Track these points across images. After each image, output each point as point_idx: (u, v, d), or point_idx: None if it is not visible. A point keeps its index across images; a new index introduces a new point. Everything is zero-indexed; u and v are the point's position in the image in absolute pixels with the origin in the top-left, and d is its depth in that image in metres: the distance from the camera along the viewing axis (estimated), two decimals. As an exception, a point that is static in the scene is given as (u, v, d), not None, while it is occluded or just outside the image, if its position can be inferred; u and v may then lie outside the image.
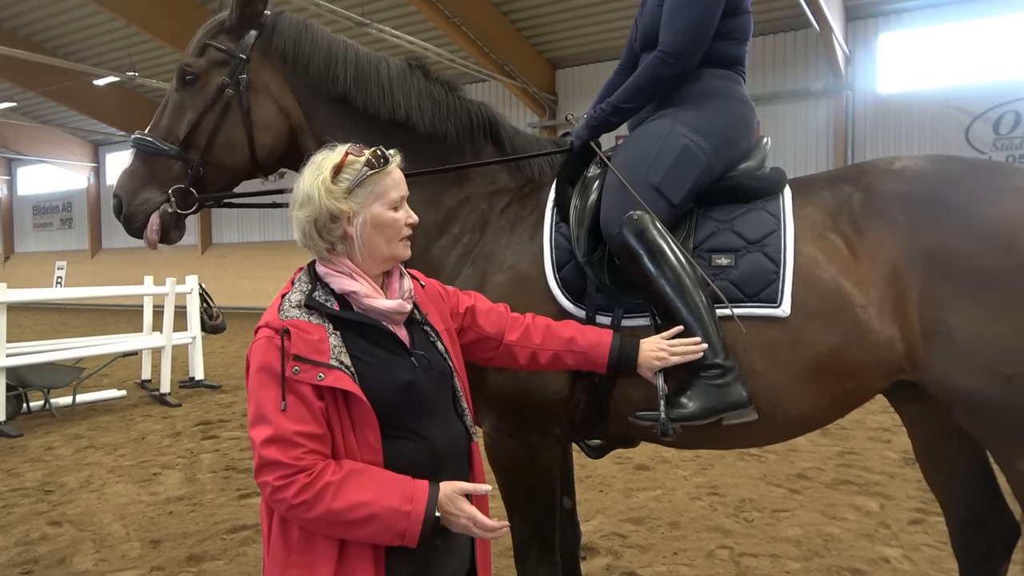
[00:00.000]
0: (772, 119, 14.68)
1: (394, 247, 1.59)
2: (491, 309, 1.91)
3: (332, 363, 1.44)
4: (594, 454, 2.36)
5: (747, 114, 2.24)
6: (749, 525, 4.07)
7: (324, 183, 1.52)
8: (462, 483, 1.53)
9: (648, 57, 2.18)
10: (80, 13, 16.30)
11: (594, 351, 1.89)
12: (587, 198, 2.14)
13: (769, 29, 14.47)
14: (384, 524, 1.40)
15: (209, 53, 2.16)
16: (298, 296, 1.53)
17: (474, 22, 14.46)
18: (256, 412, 1.42)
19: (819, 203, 2.12)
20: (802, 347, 1.99)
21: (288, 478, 1.38)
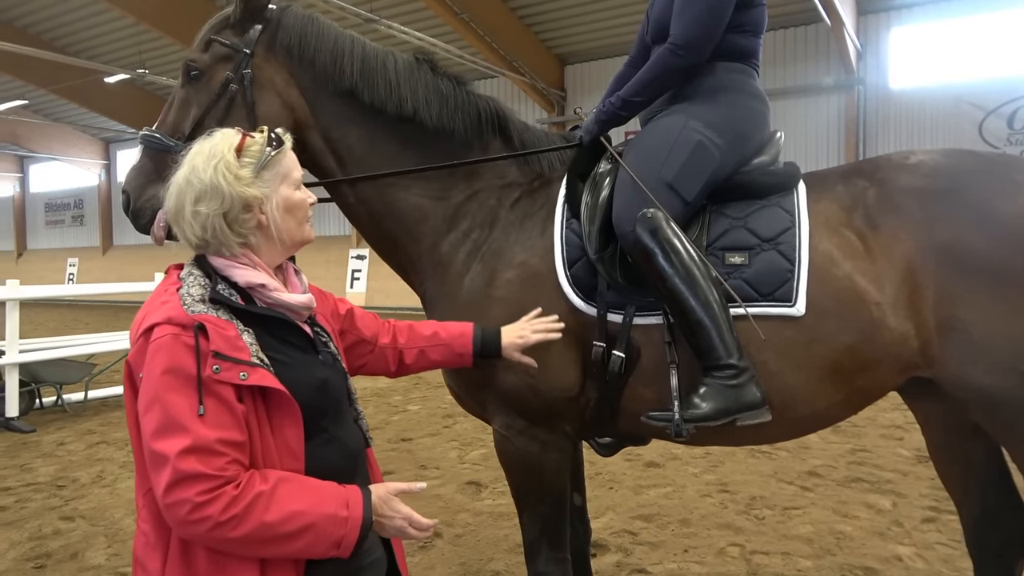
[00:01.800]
0: (783, 114, 14.59)
1: (304, 229, 1.51)
2: (365, 313, 1.89)
3: (254, 360, 1.32)
4: (604, 452, 2.35)
5: (761, 108, 2.22)
6: (760, 523, 4.05)
7: (230, 169, 1.38)
8: (395, 483, 1.46)
9: (659, 49, 2.15)
10: (90, 11, 16.37)
11: (457, 342, 1.92)
12: (599, 194, 2.12)
13: (780, 24, 14.38)
14: (320, 534, 1.29)
15: (214, 48, 2.14)
16: (198, 290, 1.37)
17: (482, 18, 14.45)
18: (165, 421, 1.24)
19: (834, 198, 2.09)
20: (817, 346, 1.97)
21: (213, 492, 1.21)
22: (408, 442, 5.93)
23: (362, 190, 2.26)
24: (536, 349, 2.07)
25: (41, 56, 15.43)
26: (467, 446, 5.70)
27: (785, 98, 14.47)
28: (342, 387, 1.55)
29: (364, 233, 2.34)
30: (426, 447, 5.75)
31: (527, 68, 16.17)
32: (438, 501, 4.49)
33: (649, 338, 2.05)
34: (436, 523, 1.48)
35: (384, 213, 2.26)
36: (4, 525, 4.20)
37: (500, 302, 2.12)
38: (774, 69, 14.54)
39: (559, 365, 2.09)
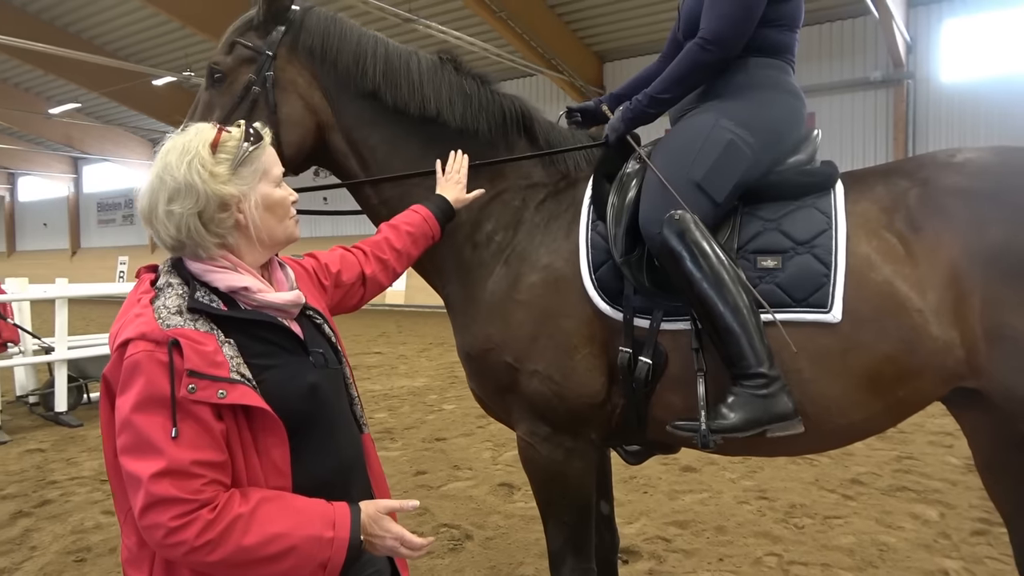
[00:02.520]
0: (828, 111, 14.26)
1: (288, 227, 1.45)
2: (341, 257, 1.87)
3: (234, 377, 1.25)
4: (632, 460, 2.29)
5: (796, 105, 2.13)
6: (799, 532, 3.93)
7: (204, 166, 1.31)
8: (385, 501, 1.40)
9: (689, 44, 2.08)
10: (139, 16, 16.80)
11: (427, 228, 2.03)
12: (625, 196, 2.06)
13: (825, 17, 14.04)
14: (305, 556, 1.23)
15: (237, 51, 2.14)
16: (175, 300, 1.30)
17: (521, 16, 14.40)
18: (137, 441, 1.19)
19: (873, 199, 2.00)
20: (854, 354, 1.88)
21: (187, 516, 1.16)
22: (442, 442, 5.93)
23: (384, 191, 2.24)
24: (562, 355, 2.03)
25: (93, 60, 15.93)
26: (501, 447, 5.67)
27: (830, 94, 14.13)
28: (334, 386, 1.48)
29: None
30: (460, 447, 5.74)
31: (566, 66, 16.08)
32: (470, 502, 4.47)
33: (677, 344, 1.99)
34: (432, 541, 1.42)
35: None
36: (49, 518, 4.31)
37: (523, 306, 2.08)
38: (819, 64, 14.20)
39: (584, 371, 2.04)
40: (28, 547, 3.89)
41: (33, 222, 34.31)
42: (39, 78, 21.41)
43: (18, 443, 6.09)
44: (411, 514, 4.24)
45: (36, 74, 20.87)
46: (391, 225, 2.02)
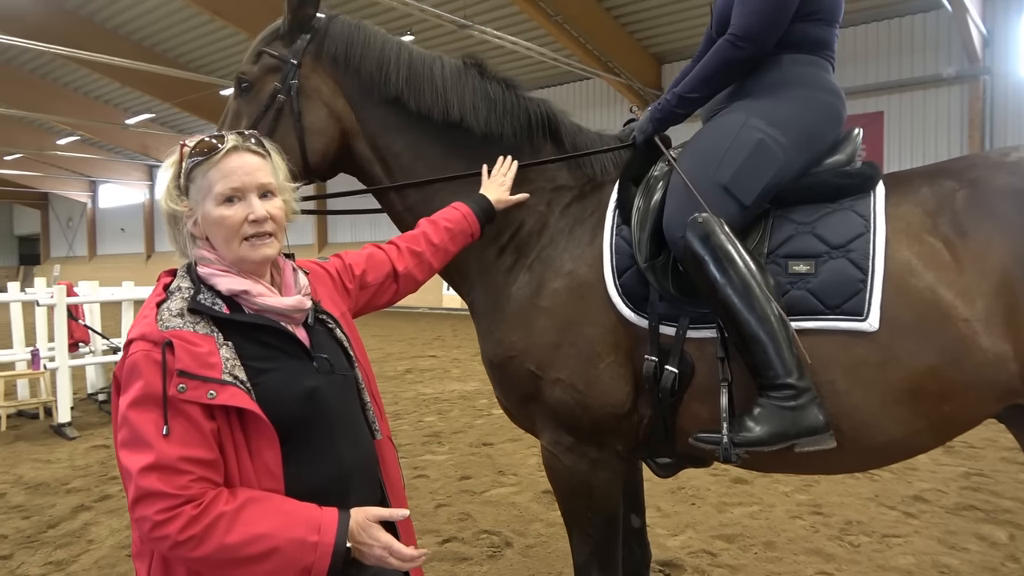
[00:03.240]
0: (898, 110, 13.71)
1: (235, 248, 1.38)
2: (369, 257, 1.86)
3: (225, 378, 1.27)
4: (663, 472, 2.21)
5: (833, 103, 2.01)
6: (855, 550, 3.74)
7: (165, 180, 1.41)
8: (376, 509, 1.37)
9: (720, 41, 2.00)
10: (208, 29, 17.46)
11: (466, 223, 2.01)
12: (651, 199, 1.99)
13: (894, 12, 13.52)
14: (287, 559, 1.23)
15: (263, 60, 2.16)
16: (178, 303, 1.34)
17: (577, 19, 14.34)
18: (131, 436, 1.23)
19: (916, 201, 1.88)
20: (892, 365, 1.77)
21: (172, 511, 1.19)
22: (489, 447, 5.92)
23: (409, 197, 2.23)
24: (586, 364, 1.98)
25: (165, 72, 16.61)
26: (547, 453, 5.61)
27: (900, 92, 13.58)
28: (339, 392, 1.47)
29: None
30: (506, 453, 5.71)
31: (623, 68, 15.93)
32: (512, 509, 4.43)
33: (704, 353, 1.91)
34: (425, 553, 1.39)
35: None
36: (107, 512, 4.48)
37: (546, 313, 2.03)
38: (888, 61, 13.69)
39: (609, 380, 1.98)
40: (86, 540, 4.04)
41: (112, 228, 36.02)
42: (117, 91, 22.49)
43: (86, 439, 6.36)
44: (451, 519, 4.24)
45: (114, 87, 21.92)
46: (430, 220, 2.01)
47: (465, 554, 3.74)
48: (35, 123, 26.38)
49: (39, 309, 7.20)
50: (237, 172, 1.38)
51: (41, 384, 7.32)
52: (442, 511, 4.40)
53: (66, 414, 6.51)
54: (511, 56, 16.28)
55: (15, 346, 7.53)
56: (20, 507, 4.60)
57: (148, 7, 17.08)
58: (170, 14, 17.25)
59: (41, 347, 7.14)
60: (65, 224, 40.05)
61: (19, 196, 39.80)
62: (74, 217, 39.12)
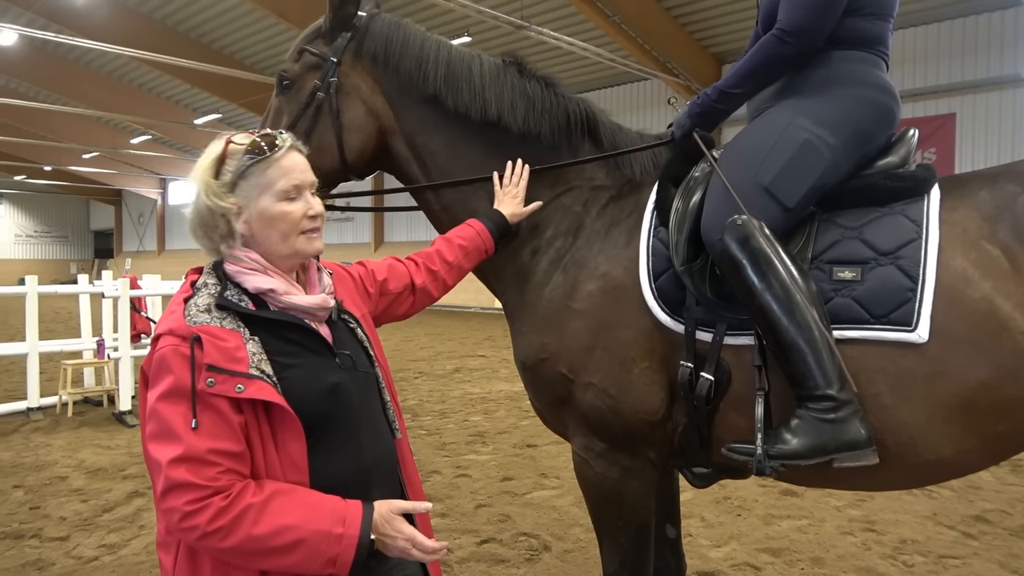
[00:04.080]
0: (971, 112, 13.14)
1: (293, 243, 1.42)
2: (390, 267, 1.89)
3: (252, 372, 1.29)
4: (699, 483, 2.14)
5: (886, 102, 1.91)
6: (908, 570, 3.58)
7: (204, 177, 1.40)
8: (399, 501, 1.39)
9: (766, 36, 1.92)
10: (273, 31, 17.90)
11: (479, 242, 2.03)
12: (690, 200, 1.93)
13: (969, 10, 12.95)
14: (313, 550, 1.25)
15: (304, 58, 2.18)
16: (206, 299, 1.36)
17: (634, 19, 14.18)
18: (160, 428, 1.25)
19: (974, 206, 1.77)
20: (942, 380, 1.66)
21: (201, 502, 1.21)
22: (533, 448, 5.89)
23: (445, 196, 2.22)
24: (619, 368, 1.93)
25: (232, 74, 17.15)
26: (591, 457, 5.55)
27: (974, 93, 12.99)
28: (361, 389, 1.48)
29: None
30: (550, 455, 5.67)
31: (681, 69, 15.69)
32: (553, 512, 4.39)
33: (741, 360, 1.84)
34: (445, 546, 1.39)
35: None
36: (159, 500, 4.62)
37: (580, 315, 1.99)
38: (961, 60, 13.13)
39: (643, 386, 1.93)
40: (137, 525, 4.18)
41: (180, 223, 37.26)
42: (187, 92, 23.30)
43: (144, 427, 6.58)
44: (491, 520, 4.23)
45: (184, 88, 22.72)
46: (445, 238, 2.04)
47: (503, 556, 3.73)
48: (111, 123, 27.55)
49: (105, 301, 7.51)
50: (295, 170, 1.42)
51: (105, 373, 7.63)
52: (482, 511, 4.39)
53: (127, 402, 6.76)
54: (568, 57, 16.22)
55: (83, 336, 7.87)
56: (80, 490, 4.80)
57: (217, 11, 17.65)
58: (238, 17, 17.79)
59: (106, 337, 7.43)
60: (136, 220, 41.75)
61: (95, 192, 41.72)
62: (145, 213, 40.75)
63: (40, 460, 5.52)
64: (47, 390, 7.45)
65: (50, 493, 4.74)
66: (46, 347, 7.28)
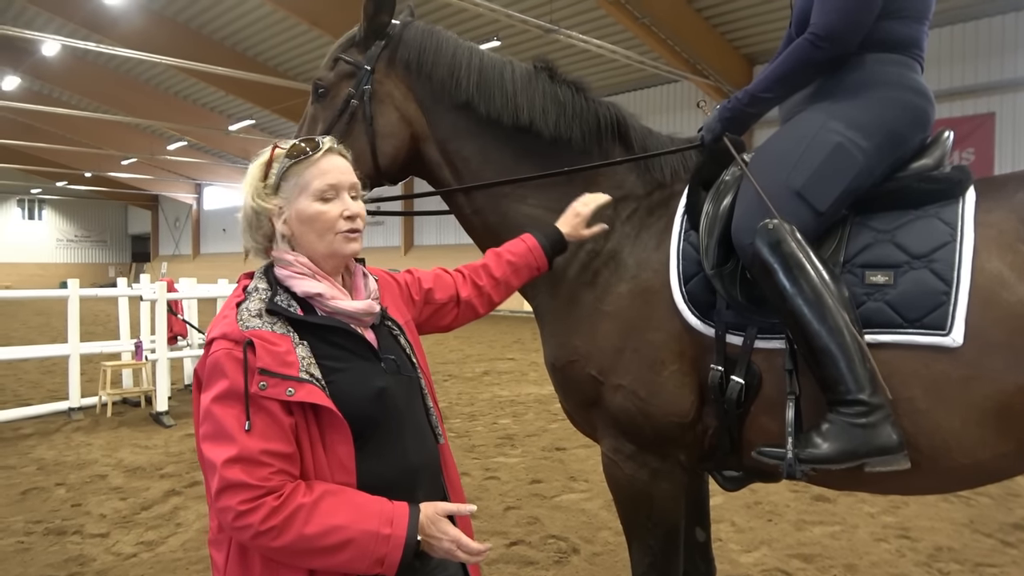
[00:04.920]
0: (1011, 110, 12.88)
1: (329, 242, 1.45)
2: (436, 276, 1.88)
3: (302, 376, 1.32)
4: (729, 486, 2.13)
5: (920, 104, 1.89)
6: (944, 579, 3.52)
7: (252, 180, 1.46)
8: (444, 503, 1.42)
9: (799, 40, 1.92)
10: (306, 38, 18.17)
11: (531, 258, 1.96)
12: (720, 203, 1.93)
13: (1008, 7, 12.65)
14: (361, 550, 1.28)
15: (339, 66, 2.22)
16: (257, 304, 1.40)
17: (664, 21, 14.12)
18: (215, 430, 1.29)
19: (1010, 208, 1.74)
20: (978, 384, 1.65)
21: (254, 501, 1.24)
22: (561, 451, 5.89)
23: (477, 201, 2.25)
24: (649, 371, 1.94)
25: (265, 81, 17.44)
26: (620, 461, 5.54)
27: (1015, 91, 12.71)
28: (405, 393, 1.51)
29: (480, 244, 2.31)
30: (579, 459, 5.67)
31: (712, 70, 15.58)
32: (582, 516, 4.40)
33: (772, 364, 1.84)
34: (488, 548, 1.41)
35: (499, 224, 2.22)
36: (196, 498, 4.72)
37: (610, 317, 2.00)
38: (1001, 58, 12.86)
39: (673, 388, 1.93)
40: (174, 523, 4.27)
41: (215, 228, 38.05)
42: (221, 98, 23.75)
43: (181, 427, 6.73)
44: (520, 522, 4.24)
45: (219, 95, 23.17)
46: (495, 252, 1.99)
47: (531, 558, 3.74)
48: (148, 129, 28.18)
49: (143, 304, 7.68)
50: (333, 171, 1.46)
51: (143, 374, 7.80)
52: (511, 514, 4.41)
53: (164, 403, 6.91)
54: (597, 60, 16.20)
55: (121, 338, 8.06)
56: (119, 489, 4.92)
57: (252, 19, 17.96)
58: (271, 25, 18.08)
59: (144, 339, 7.61)
60: (173, 224, 42.61)
61: (133, 198, 42.69)
62: (181, 218, 41.58)
63: (81, 459, 5.67)
64: (87, 391, 7.64)
65: (91, 491, 4.86)
66: (87, 349, 7.48)
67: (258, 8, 17.22)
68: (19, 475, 5.22)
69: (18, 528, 4.18)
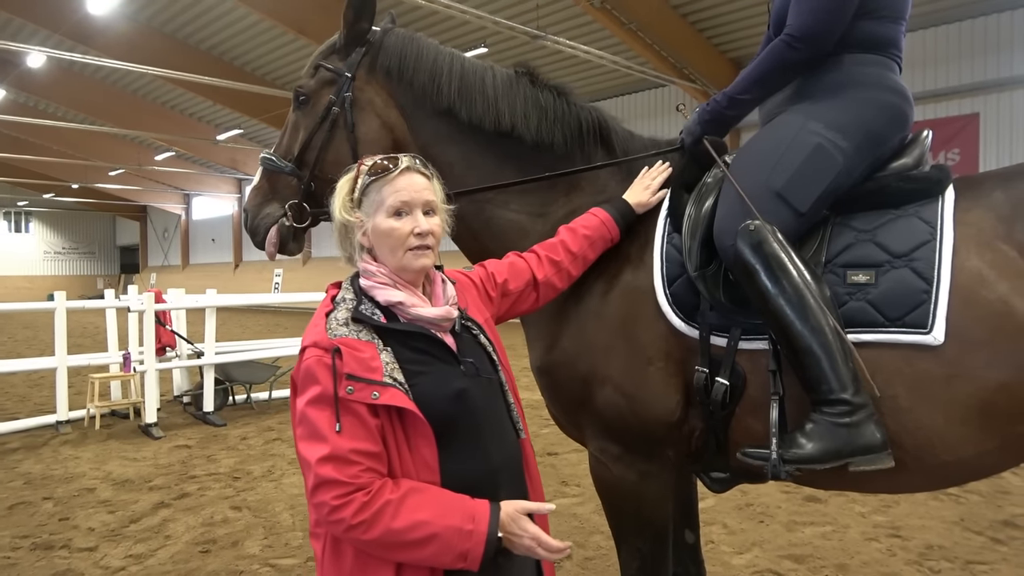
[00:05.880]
0: (995, 111, 12.96)
1: (399, 258, 1.53)
2: (510, 266, 1.91)
3: (386, 380, 1.40)
4: (717, 487, 2.13)
5: (898, 104, 1.91)
6: (935, 577, 3.53)
7: (341, 194, 1.56)
8: (524, 502, 1.47)
9: (775, 41, 1.93)
10: (293, 47, 18.12)
11: (605, 229, 2.01)
12: (702, 205, 1.94)
13: (991, 8, 12.78)
14: (445, 544, 1.35)
15: (320, 74, 2.22)
16: (344, 313, 1.50)
17: (651, 26, 14.17)
18: (309, 431, 1.39)
19: (989, 206, 1.76)
20: (960, 381, 1.66)
21: (346, 497, 1.34)
22: (553, 456, 5.89)
23: (460, 207, 2.24)
24: (636, 371, 1.95)
25: (253, 90, 17.40)
26: (612, 465, 5.54)
27: (999, 92, 12.81)
28: (485, 394, 1.56)
29: (465, 251, 2.31)
30: (570, 463, 5.67)
31: (698, 75, 15.65)
32: (573, 520, 4.39)
33: (756, 365, 1.84)
34: (569, 546, 1.46)
35: (482, 231, 2.22)
36: (185, 510, 4.69)
37: (596, 319, 2.01)
38: (984, 60, 12.96)
39: (659, 389, 1.94)
40: (163, 536, 4.24)
41: (204, 238, 37.86)
42: (209, 108, 23.66)
43: (170, 439, 6.68)
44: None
45: (207, 104, 23.07)
46: (569, 228, 2.03)
47: (524, 564, 3.73)
48: (136, 140, 28.05)
49: (131, 315, 7.64)
50: (407, 189, 1.53)
51: (132, 386, 7.75)
52: (503, 520, 4.39)
53: (152, 415, 6.86)
54: (584, 65, 16.25)
55: (110, 349, 8.01)
56: (107, 502, 4.88)
57: (238, 28, 17.92)
58: (258, 34, 18.05)
59: (132, 351, 7.56)
60: (161, 235, 42.38)
61: (121, 209, 42.44)
62: (169, 228, 41.36)
63: (69, 472, 5.62)
64: (75, 404, 7.59)
65: (78, 504, 4.82)
66: (74, 361, 7.42)
67: (245, 18, 17.19)
68: (6, 490, 5.17)
69: (4, 543, 4.13)
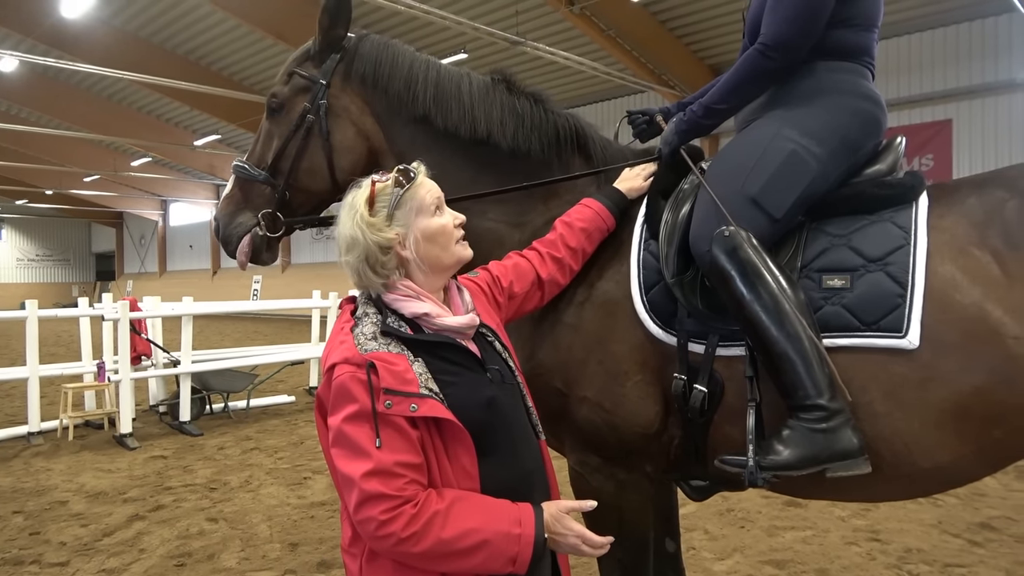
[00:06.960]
0: (967, 117, 13.19)
1: (454, 251, 1.56)
2: (514, 267, 1.90)
3: (422, 392, 1.39)
4: (696, 495, 2.12)
5: (871, 111, 1.92)
6: (914, 580, 3.55)
7: (363, 219, 1.50)
8: (565, 501, 1.49)
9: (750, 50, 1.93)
10: (271, 52, 17.99)
11: (601, 220, 2.01)
12: (679, 212, 1.93)
13: (962, 16, 13.04)
14: (495, 550, 1.34)
15: (294, 81, 2.19)
16: (370, 327, 1.46)
17: (630, 33, 14.28)
18: (350, 448, 1.36)
19: (962, 212, 1.77)
20: (935, 386, 1.66)
21: (394, 510, 1.31)
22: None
23: None
24: (613, 382, 1.93)
25: (230, 95, 17.26)
26: (593, 471, 5.52)
27: (970, 99, 13.04)
28: (510, 399, 1.55)
29: None
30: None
31: (678, 81, 15.78)
32: (555, 528, 4.36)
33: (733, 372, 1.83)
34: (610, 540, 1.46)
35: None
36: (160, 523, 4.61)
37: (573, 329, 1.99)
38: (956, 67, 13.21)
39: (637, 399, 1.92)
40: (138, 549, 4.16)
41: (181, 245, 37.46)
42: (186, 113, 23.42)
43: (145, 449, 6.58)
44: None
45: (184, 110, 22.84)
46: (565, 222, 2.01)
47: (504, 573, 3.70)
48: (111, 146, 27.69)
49: (105, 323, 7.51)
50: (433, 188, 1.57)
51: (106, 395, 7.62)
52: (484, 528, 4.36)
53: (128, 425, 6.75)
54: (564, 71, 16.32)
55: (83, 359, 7.87)
56: (80, 515, 4.78)
57: (215, 33, 17.77)
58: (236, 39, 17.91)
59: (107, 360, 7.43)
60: (138, 242, 41.87)
61: (96, 215, 41.88)
62: (146, 235, 40.87)
63: (40, 485, 5.50)
64: (48, 414, 7.45)
65: (50, 518, 4.72)
66: (47, 371, 7.28)
67: (222, 23, 17.06)
68: (-26, 504, 5.06)
69: (-28, 559, 4.03)
